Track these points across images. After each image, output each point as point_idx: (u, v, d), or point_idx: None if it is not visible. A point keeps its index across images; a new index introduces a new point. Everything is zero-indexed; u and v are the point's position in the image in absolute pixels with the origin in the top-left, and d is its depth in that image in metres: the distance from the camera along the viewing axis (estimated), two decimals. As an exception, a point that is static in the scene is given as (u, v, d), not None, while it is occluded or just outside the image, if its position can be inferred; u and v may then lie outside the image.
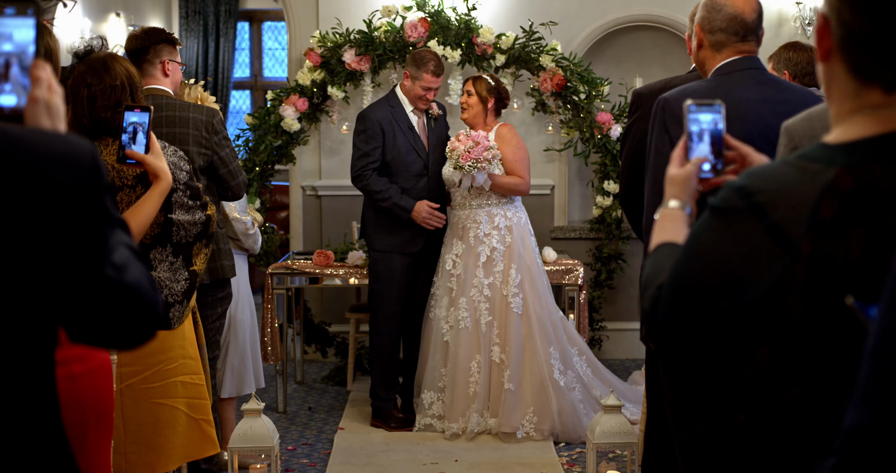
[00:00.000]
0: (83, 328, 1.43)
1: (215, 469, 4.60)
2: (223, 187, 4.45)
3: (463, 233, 5.51)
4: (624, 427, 4.26)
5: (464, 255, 5.48)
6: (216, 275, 4.44)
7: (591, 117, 6.68)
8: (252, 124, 6.79)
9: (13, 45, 1.39)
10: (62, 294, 1.34)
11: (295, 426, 5.73)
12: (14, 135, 1.32)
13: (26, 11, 1.39)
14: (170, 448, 3.42)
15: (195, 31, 11.18)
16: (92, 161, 1.36)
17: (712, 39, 2.99)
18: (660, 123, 2.98)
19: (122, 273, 1.39)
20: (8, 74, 1.38)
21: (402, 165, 5.51)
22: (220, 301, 4.52)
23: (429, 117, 5.65)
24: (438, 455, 5.12)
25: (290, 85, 6.82)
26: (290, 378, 6.61)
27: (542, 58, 6.65)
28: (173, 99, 4.38)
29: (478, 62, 6.66)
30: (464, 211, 5.55)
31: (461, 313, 5.40)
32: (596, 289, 6.98)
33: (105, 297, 1.39)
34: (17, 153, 1.29)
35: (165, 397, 3.42)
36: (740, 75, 2.94)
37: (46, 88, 1.43)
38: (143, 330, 1.48)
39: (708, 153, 1.95)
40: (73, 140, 1.37)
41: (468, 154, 5.29)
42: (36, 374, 1.35)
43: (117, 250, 1.40)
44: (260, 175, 6.73)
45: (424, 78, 5.45)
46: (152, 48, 4.38)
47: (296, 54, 7.06)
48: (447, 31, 6.62)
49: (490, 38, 6.61)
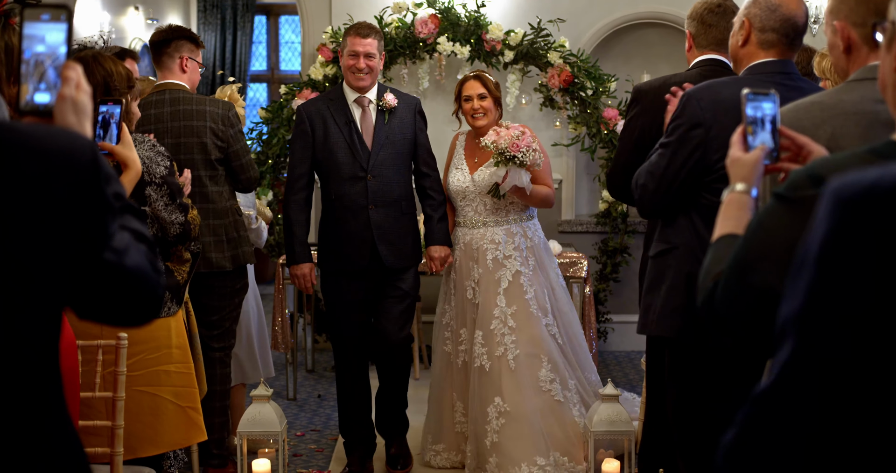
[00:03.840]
0: (89, 307, 1.56)
1: (225, 454, 4.73)
2: (234, 180, 4.59)
3: (479, 255, 4.76)
4: (622, 415, 4.36)
5: (482, 281, 4.75)
6: (238, 261, 4.56)
7: (598, 113, 6.79)
8: (265, 118, 6.93)
9: (46, 47, 1.54)
10: (67, 276, 1.45)
11: (304, 412, 5.88)
12: (22, 131, 1.44)
13: (59, 17, 1.54)
14: (152, 435, 3.54)
15: (213, 25, 11.32)
16: (92, 155, 1.47)
17: (762, 37, 2.99)
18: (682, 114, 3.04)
19: (122, 257, 1.50)
20: (44, 73, 1.53)
21: (333, 166, 4.64)
22: (237, 292, 4.65)
23: (380, 110, 4.68)
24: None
25: (303, 79, 6.95)
26: (301, 367, 6.76)
27: (550, 54, 6.76)
28: (189, 93, 4.52)
29: (486, 58, 6.79)
30: (477, 230, 4.79)
31: (477, 348, 4.67)
32: (602, 282, 7.10)
33: (106, 279, 1.50)
34: (23, 148, 1.41)
35: (147, 385, 3.54)
36: (769, 77, 2.95)
37: (74, 87, 1.56)
38: (145, 309, 1.60)
39: (769, 140, 2.04)
40: (74, 136, 1.49)
41: (518, 143, 4.51)
42: (40, 352, 1.46)
43: (118, 236, 1.51)
44: (273, 168, 6.87)
45: (348, 42, 4.60)
46: (174, 42, 4.52)
47: (309, 49, 7.20)
48: (457, 28, 6.74)
49: (499, 34, 6.73)
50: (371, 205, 4.62)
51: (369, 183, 4.61)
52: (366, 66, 4.57)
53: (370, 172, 4.62)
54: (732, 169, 2.03)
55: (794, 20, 2.98)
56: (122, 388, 3.18)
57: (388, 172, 4.65)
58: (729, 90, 2.93)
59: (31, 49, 1.54)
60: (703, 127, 2.95)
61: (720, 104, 2.94)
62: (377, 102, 4.68)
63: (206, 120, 4.43)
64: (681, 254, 3.07)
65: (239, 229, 4.59)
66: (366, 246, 4.63)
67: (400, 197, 4.69)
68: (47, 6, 1.55)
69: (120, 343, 3.18)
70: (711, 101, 2.96)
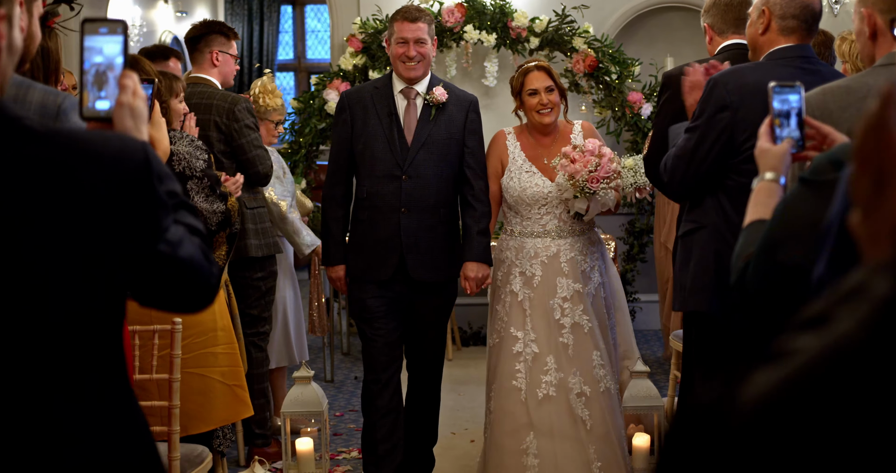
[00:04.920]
0: (148, 295, 1.69)
1: (269, 434, 4.90)
2: (244, 173, 4.55)
3: (572, 269, 4.14)
4: (651, 391, 4.49)
5: (580, 297, 4.13)
6: (240, 253, 4.62)
7: (623, 97, 6.91)
8: (297, 108, 7.09)
9: (104, 58, 1.69)
10: (125, 267, 1.58)
11: (342, 394, 6.06)
12: (80, 138, 1.58)
13: (116, 30, 1.69)
14: (202, 413, 3.72)
15: (240, 16, 11.48)
16: (144, 157, 1.59)
17: (783, 24, 3.12)
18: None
19: (175, 249, 1.62)
20: (103, 82, 1.69)
21: (369, 161, 4.17)
22: (259, 281, 4.76)
23: (427, 105, 4.21)
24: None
25: (333, 70, 7.11)
26: (337, 350, 6.93)
27: (575, 40, 6.89)
28: (207, 87, 4.65)
29: (512, 46, 6.92)
30: (567, 240, 4.18)
31: (598, 371, 4.08)
32: (629, 262, 7.24)
33: (161, 269, 1.62)
34: (81, 153, 1.54)
35: (197, 366, 3.73)
36: (790, 62, 3.10)
37: (131, 94, 1.71)
38: (200, 297, 1.72)
39: (795, 131, 2.16)
40: (127, 140, 1.61)
41: (597, 174, 3.96)
42: (107, 336, 1.59)
43: (172, 229, 1.63)
44: (305, 157, 7.04)
45: (395, 28, 4.17)
46: (204, 38, 4.68)
47: (338, 40, 7.35)
48: (483, 16, 6.87)
49: (524, 22, 6.86)
50: (404, 208, 4.13)
51: (404, 183, 4.13)
52: (417, 53, 4.13)
53: (406, 172, 4.14)
54: (761, 159, 2.14)
55: (812, 7, 3.14)
56: (178, 370, 3.36)
57: (427, 174, 4.15)
58: (754, 75, 3.07)
59: (91, 60, 1.68)
60: (731, 109, 3.08)
61: (746, 88, 3.07)
62: (425, 95, 4.21)
63: (210, 114, 4.55)
64: (709, 233, 3.21)
65: (245, 222, 4.62)
66: (393, 254, 4.14)
67: (438, 203, 4.18)
68: (105, 20, 1.70)
69: (175, 328, 3.36)
70: (737, 84, 3.10)
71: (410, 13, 4.16)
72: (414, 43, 4.13)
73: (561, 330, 4.08)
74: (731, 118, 3.09)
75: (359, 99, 4.23)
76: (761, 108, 2.33)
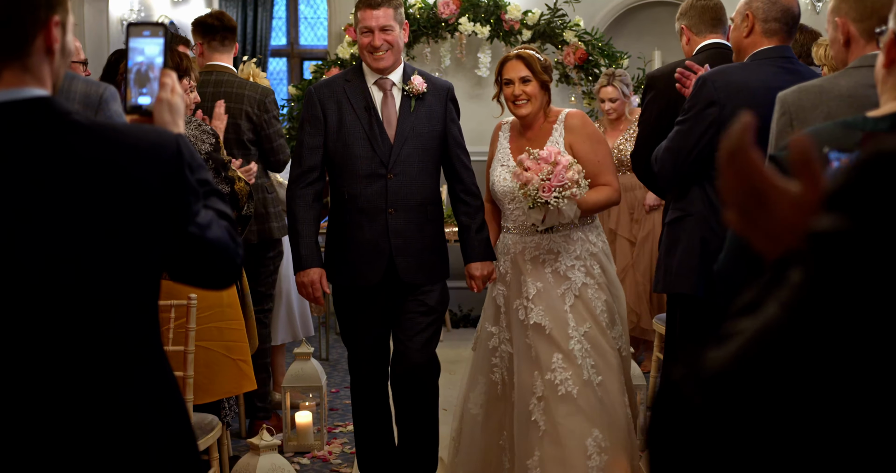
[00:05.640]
0: (179, 271, 1.88)
1: (269, 407, 5.11)
2: (265, 160, 4.92)
3: (536, 268, 3.94)
4: (634, 370, 4.70)
5: (542, 297, 3.92)
6: (264, 236, 4.89)
7: (612, 89, 7.14)
8: (295, 95, 7.29)
9: (145, 57, 1.89)
10: (160, 247, 1.77)
11: (337, 371, 6.27)
12: (120, 130, 1.77)
13: (158, 33, 1.90)
14: (207, 384, 3.88)
15: (235, 1, 11.62)
16: (176, 149, 1.78)
17: (765, 27, 3.40)
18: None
19: (204, 231, 1.81)
20: (146, 80, 1.89)
21: (348, 161, 3.86)
22: (271, 260, 4.99)
23: (406, 96, 3.89)
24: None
25: (331, 58, 7.30)
26: (332, 329, 7.13)
27: (566, 33, 7.11)
28: (234, 76, 4.89)
29: (506, 37, 7.14)
30: (533, 237, 3.96)
31: (559, 374, 3.82)
32: (614, 249, 7.48)
33: (191, 249, 1.81)
34: (122, 144, 1.74)
35: (202, 340, 3.87)
36: (772, 62, 3.37)
37: (170, 91, 1.90)
38: (225, 274, 1.91)
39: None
40: (162, 133, 1.81)
41: (549, 183, 3.72)
42: (143, 307, 1.78)
43: (202, 214, 1.82)
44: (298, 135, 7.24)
45: (359, 17, 3.85)
46: (232, 33, 4.99)
47: (335, 29, 7.54)
48: (477, 9, 7.09)
49: (517, 14, 7.08)
50: (391, 209, 3.86)
51: (390, 183, 3.84)
52: (383, 42, 3.80)
53: (392, 170, 3.84)
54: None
55: (792, 10, 3.42)
56: (192, 342, 3.57)
57: (412, 171, 3.87)
58: (739, 74, 3.35)
59: (133, 59, 1.89)
60: (718, 105, 3.33)
61: (732, 85, 3.33)
62: (402, 85, 3.90)
63: (243, 103, 4.79)
64: (695, 220, 3.46)
65: (267, 206, 4.90)
66: (381, 258, 3.87)
67: (425, 201, 3.91)
68: (148, 24, 1.90)
69: (190, 303, 3.56)
70: (724, 82, 3.35)
71: (372, 0, 3.81)
72: (379, 31, 3.79)
73: (525, 331, 3.90)
74: (718, 113, 3.33)
75: (330, 93, 3.89)
76: (746, 104, 2.55)
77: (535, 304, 3.89)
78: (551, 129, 3.99)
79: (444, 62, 7.24)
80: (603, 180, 3.91)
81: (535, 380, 3.84)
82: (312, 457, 4.73)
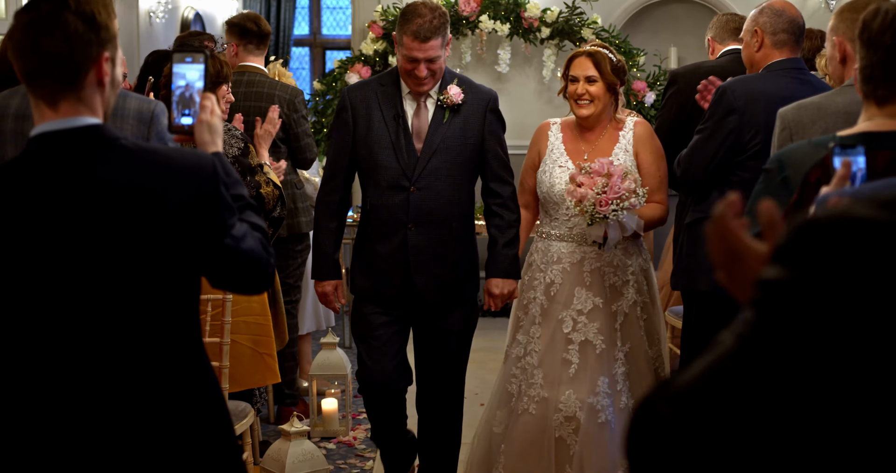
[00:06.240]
0: (217, 278, 2.06)
1: (296, 394, 5.29)
2: (293, 158, 5.12)
3: (595, 281, 3.75)
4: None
5: (598, 314, 3.73)
6: (293, 230, 5.08)
7: (628, 85, 7.30)
8: (320, 90, 7.50)
9: (186, 81, 2.08)
10: (200, 257, 1.96)
11: (360, 359, 6.47)
12: (160, 153, 1.97)
13: (199, 59, 2.08)
14: (232, 374, 4.00)
15: (259, -8, 11.78)
16: (212, 169, 1.96)
17: (774, 39, 3.62)
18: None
19: (238, 242, 1.99)
20: (187, 102, 2.08)
21: (372, 169, 3.73)
22: (298, 253, 5.18)
23: (440, 107, 3.71)
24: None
25: (355, 54, 7.50)
26: (353, 318, 7.33)
27: (584, 30, 7.28)
28: (265, 77, 5.10)
29: (525, 35, 7.32)
30: (593, 247, 3.75)
31: (601, 399, 3.67)
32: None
33: (227, 258, 1.99)
34: (161, 166, 1.92)
35: (230, 333, 4.11)
36: (787, 73, 3.59)
37: (209, 113, 2.09)
38: (258, 281, 2.10)
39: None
40: (200, 155, 1.99)
41: (605, 196, 3.51)
42: (185, 308, 1.97)
43: (237, 227, 2.00)
44: (327, 137, 7.44)
45: (405, 42, 3.61)
46: (267, 37, 5.18)
47: (359, 24, 7.73)
48: (497, 7, 7.27)
49: (536, 12, 7.26)
50: (411, 223, 3.70)
51: (412, 196, 3.68)
52: (427, 71, 3.62)
53: (415, 183, 3.68)
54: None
55: (798, 21, 3.65)
56: (228, 334, 3.79)
57: (438, 185, 3.69)
58: (757, 83, 3.58)
59: (176, 83, 2.08)
60: (737, 113, 3.55)
61: (751, 94, 3.55)
62: (437, 95, 3.72)
63: (273, 104, 4.98)
64: None
65: (297, 201, 5.09)
66: (397, 274, 3.73)
67: (450, 217, 3.73)
68: (190, 51, 2.08)
69: (226, 298, 3.78)
70: (743, 91, 3.57)
71: (422, 32, 3.55)
72: (425, 62, 3.60)
73: (567, 345, 3.72)
74: (738, 121, 3.54)
75: (363, 97, 3.75)
76: (764, 112, 2.87)
77: (589, 319, 3.71)
78: (618, 135, 3.84)
79: (464, 58, 7.43)
80: (657, 198, 3.79)
81: (569, 399, 3.68)
82: (338, 442, 4.91)
